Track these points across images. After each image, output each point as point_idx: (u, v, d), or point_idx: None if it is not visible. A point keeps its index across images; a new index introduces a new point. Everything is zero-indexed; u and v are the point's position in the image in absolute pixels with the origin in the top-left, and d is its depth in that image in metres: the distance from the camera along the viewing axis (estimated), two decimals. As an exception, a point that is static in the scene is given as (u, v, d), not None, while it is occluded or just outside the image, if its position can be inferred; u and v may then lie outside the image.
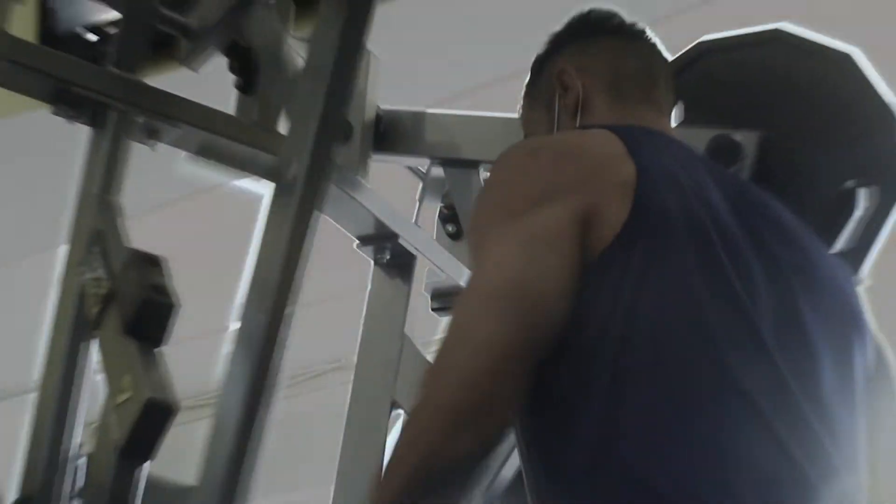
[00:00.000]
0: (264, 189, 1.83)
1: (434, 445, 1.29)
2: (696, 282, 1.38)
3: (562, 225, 1.34)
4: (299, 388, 5.09)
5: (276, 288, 1.67)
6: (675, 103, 1.73)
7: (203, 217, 4.11)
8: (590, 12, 1.76)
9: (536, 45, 1.81)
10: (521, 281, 1.31)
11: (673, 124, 1.75)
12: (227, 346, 1.71)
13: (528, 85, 1.78)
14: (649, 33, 1.73)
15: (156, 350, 1.59)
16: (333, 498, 2.04)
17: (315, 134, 1.70)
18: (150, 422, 1.53)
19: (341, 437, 2.07)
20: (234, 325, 1.69)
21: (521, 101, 1.78)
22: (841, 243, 1.79)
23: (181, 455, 1.72)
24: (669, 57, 1.77)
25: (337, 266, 2.03)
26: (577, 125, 1.64)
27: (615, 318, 1.33)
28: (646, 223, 1.37)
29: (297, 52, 1.96)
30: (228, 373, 1.67)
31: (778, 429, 1.35)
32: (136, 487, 1.60)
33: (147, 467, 1.60)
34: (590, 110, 1.66)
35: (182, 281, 1.62)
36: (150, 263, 1.63)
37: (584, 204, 1.36)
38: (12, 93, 1.89)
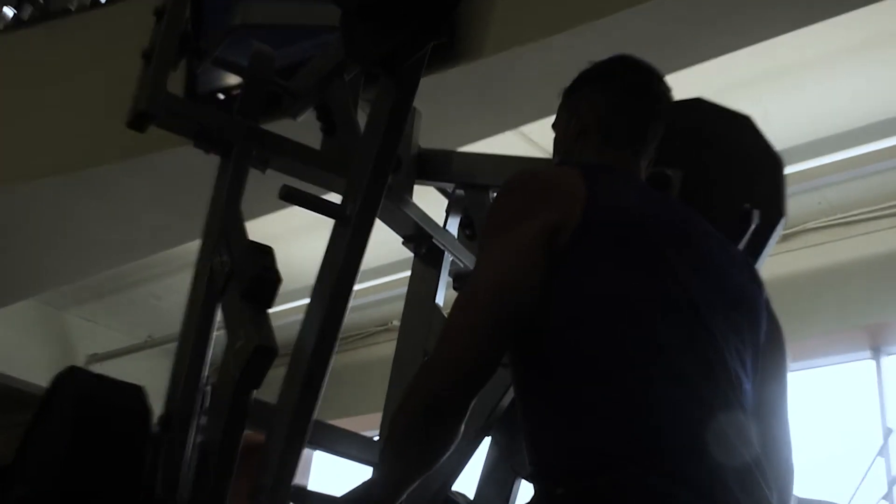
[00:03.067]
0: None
1: (441, 388, 1.28)
2: (631, 271, 1.37)
3: (531, 236, 1.37)
4: (362, 341, 5.14)
5: (335, 281, 1.68)
6: (653, 148, 1.65)
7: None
8: (618, 60, 1.65)
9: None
10: (502, 280, 1.35)
11: None
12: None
13: (561, 103, 1.68)
14: (661, 91, 1.62)
15: (263, 312, 1.61)
16: (382, 420, 2.09)
17: (372, 169, 1.76)
18: (257, 362, 1.56)
19: (388, 377, 2.10)
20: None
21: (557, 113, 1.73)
22: (742, 245, 1.81)
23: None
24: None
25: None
26: (575, 151, 1.60)
27: (569, 298, 1.34)
28: (592, 228, 1.37)
29: (364, 109, 2.00)
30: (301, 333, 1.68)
31: (697, 382, 1.33)
32: (246, 409, 1.64)
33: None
34: (584, 142, 1.59)
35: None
36: (261, 251, 1.67)
37: (551, 218, 1.38)
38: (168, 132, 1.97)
